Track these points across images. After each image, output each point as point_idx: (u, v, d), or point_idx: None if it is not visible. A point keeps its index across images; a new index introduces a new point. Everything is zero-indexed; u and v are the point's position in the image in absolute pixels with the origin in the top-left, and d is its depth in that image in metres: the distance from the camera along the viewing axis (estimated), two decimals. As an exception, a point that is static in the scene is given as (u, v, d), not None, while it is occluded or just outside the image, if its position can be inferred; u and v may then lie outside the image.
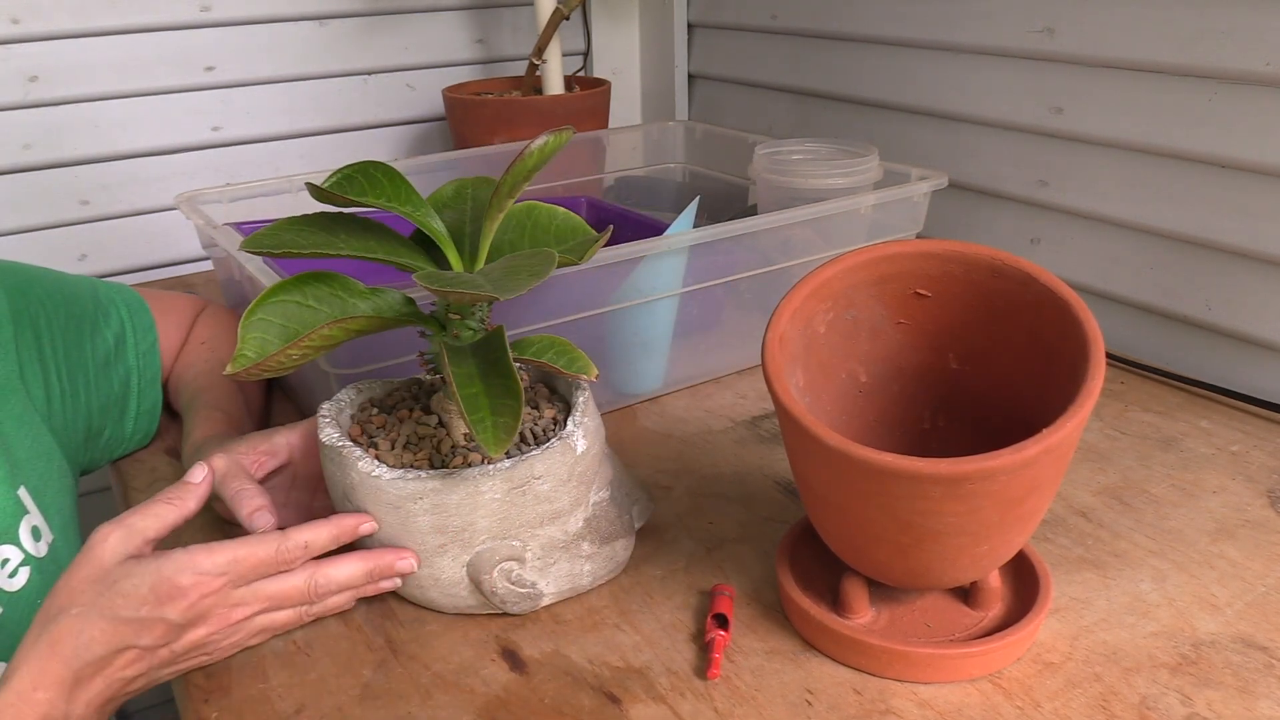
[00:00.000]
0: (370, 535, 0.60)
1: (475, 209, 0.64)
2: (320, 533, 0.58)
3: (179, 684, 0.58)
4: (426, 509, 0.58)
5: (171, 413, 0.84)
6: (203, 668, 0.59)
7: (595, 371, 0.59)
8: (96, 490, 1.23)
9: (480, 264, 0.60)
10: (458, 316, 0.58)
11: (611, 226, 0.65)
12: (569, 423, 0.61)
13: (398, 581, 0.61)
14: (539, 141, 0.56)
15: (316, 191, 0.56)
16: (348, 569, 0.59)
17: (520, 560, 0.60)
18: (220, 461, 0.64)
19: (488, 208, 0.58)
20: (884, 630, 0.58)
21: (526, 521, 0.60)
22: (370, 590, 0.61)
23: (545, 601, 0.63)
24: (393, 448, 0.62)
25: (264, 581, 0.57)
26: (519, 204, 0.63)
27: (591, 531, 0.63)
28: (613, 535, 0.64)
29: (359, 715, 0.56)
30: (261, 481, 0.66)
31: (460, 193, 0.65)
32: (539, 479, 0.59)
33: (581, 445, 0.61)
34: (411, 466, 0.60)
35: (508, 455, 0.59)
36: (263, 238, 0.55)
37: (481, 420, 0.52)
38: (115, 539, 0.55)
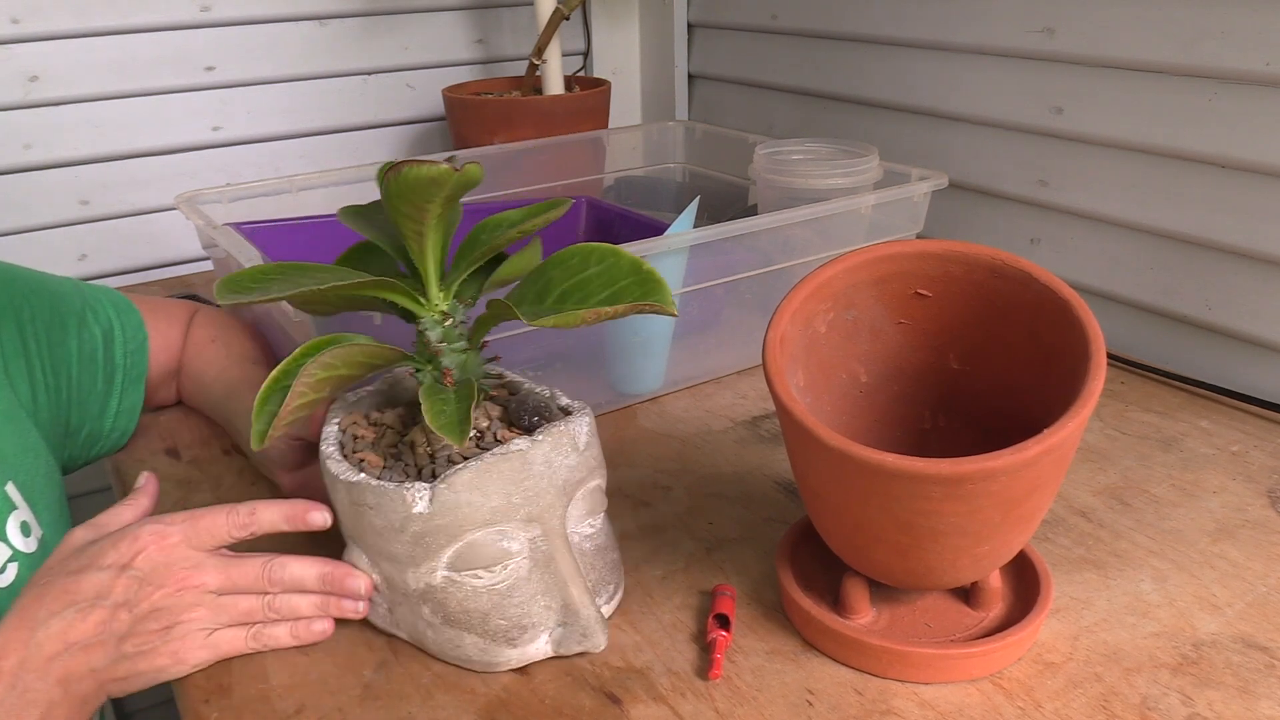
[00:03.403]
0: (323, 528, 0.60)
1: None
2: (271, 506, 0.60)
3: (179, 685, 0.58)
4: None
5: (152, 411, 0.84)
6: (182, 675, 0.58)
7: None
8: (97, 490, 1.23)
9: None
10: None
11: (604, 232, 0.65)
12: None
13: (359, 608, 0.60)
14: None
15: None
16: (301, 562, 0.60)
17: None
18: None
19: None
20: (884, 630, 0.58)
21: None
22: (334, 610, 0.60)
23: (545, 602, 0.62)
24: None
25: (222, 555, 0.59)
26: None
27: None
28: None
29: (359, 716, 0.56)
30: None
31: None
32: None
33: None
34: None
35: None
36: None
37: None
38: (81, 531, 0.60)
